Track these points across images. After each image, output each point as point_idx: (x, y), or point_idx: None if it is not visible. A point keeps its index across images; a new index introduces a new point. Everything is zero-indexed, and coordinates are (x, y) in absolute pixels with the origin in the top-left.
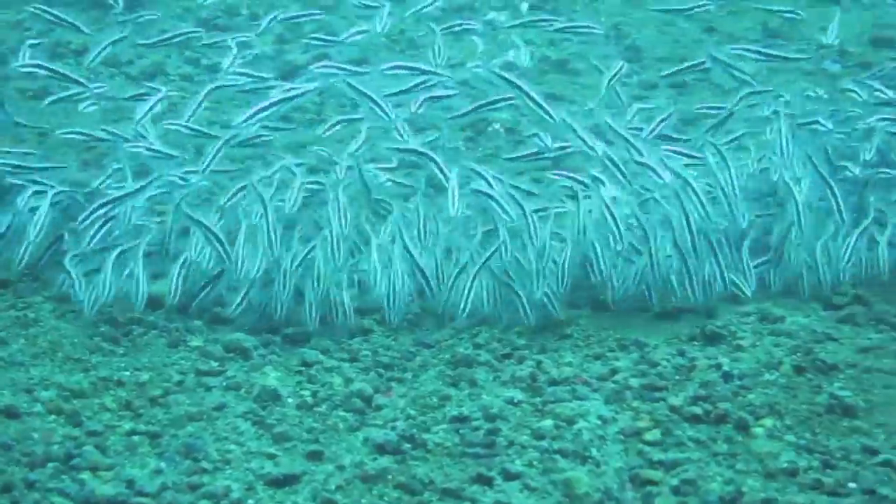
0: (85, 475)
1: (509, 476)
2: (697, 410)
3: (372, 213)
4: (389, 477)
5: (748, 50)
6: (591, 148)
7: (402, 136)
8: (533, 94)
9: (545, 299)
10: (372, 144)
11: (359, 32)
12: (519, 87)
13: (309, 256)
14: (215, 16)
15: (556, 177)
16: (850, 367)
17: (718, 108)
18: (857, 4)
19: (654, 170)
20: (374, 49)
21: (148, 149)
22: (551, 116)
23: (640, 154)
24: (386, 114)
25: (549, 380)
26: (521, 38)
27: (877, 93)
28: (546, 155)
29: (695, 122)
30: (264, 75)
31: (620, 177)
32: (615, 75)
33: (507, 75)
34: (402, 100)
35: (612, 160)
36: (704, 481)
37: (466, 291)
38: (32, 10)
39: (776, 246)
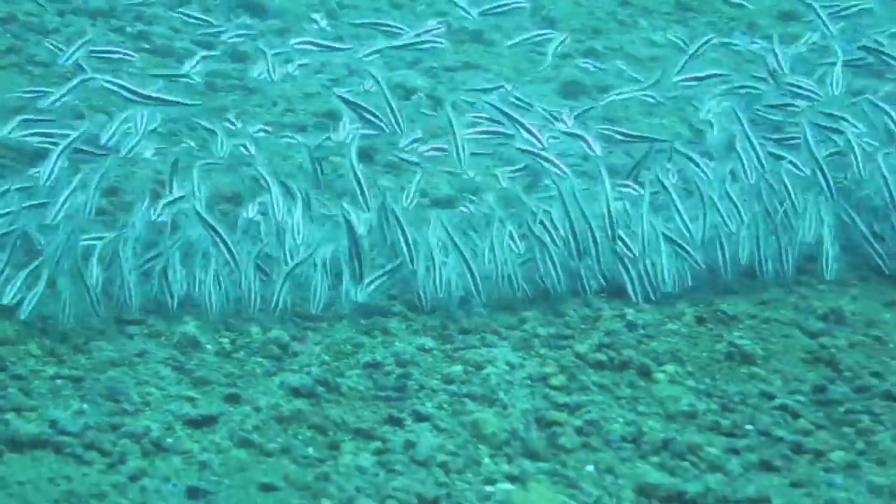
0: (9, 415)
1: (420, 417)
2: (602, 357)
3: None
4: (304, 418)
5: None
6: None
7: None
8: None
9: None
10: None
11: None
12: None
13: None
14: None
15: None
16: (749, 318)
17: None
18: None
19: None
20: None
21: None
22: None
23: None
24: None
25: (459, 328)
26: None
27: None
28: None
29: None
30: None
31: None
32: (558, 46)
33: None
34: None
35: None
36: (607, 422)
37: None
38: None
39: None
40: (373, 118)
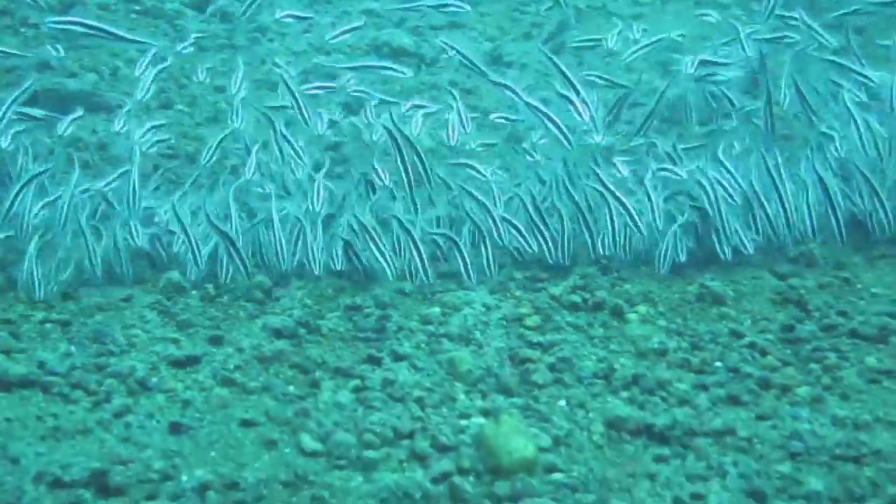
0: None
1: (398, 357)
2: (576, 299)
3: None
4: (285, 358)
5: None
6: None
7: None
8: None
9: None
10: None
11: None
12: None
13: None
14: None
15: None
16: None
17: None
18: None
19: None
20: None
21: None
22: None
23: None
24: None
25: (438, 272)
26: None
27: None
28: None
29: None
30: None
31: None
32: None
33: None
34: None
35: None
36: (579, 359)
37: None
38: None
39: None
40: None
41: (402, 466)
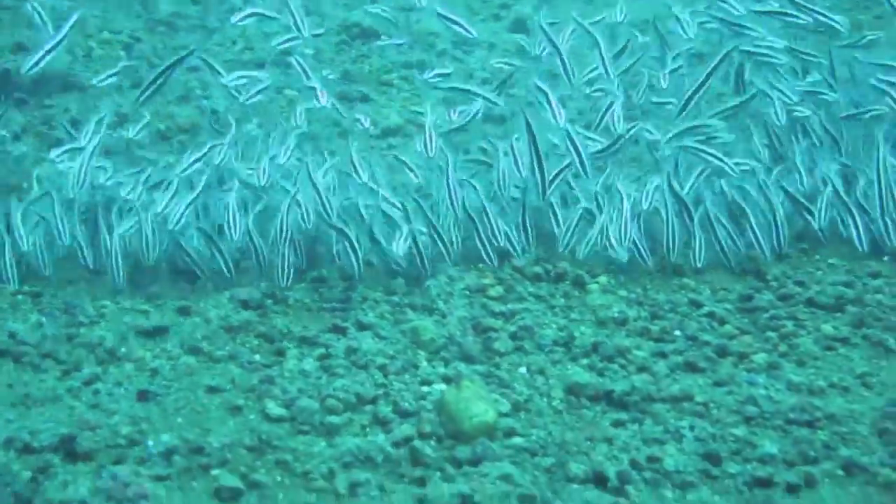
0: None
1: (362, 326)
2: (539, 270)
3: None
4: (251, 328)
5: None
6: None
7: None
8: None
9: None
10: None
11: None
12: None
13: None
14: None
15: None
16: None
17: None
18: None
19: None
20: None
21: None
22: None
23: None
24: None
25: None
26: None
27: None
28: None
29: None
30: None
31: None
32: None
33: None
34: None
35: None
36: (540, 328)
37: None
38: None
39: None
40: None
41: (364, 431)
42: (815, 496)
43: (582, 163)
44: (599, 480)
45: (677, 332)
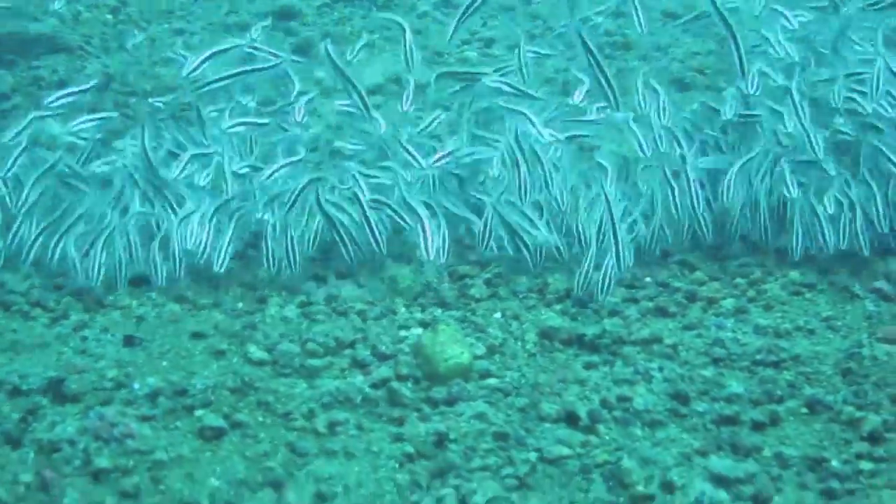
0: None
1: (341, 275)
2: None
3: None
4: (235, 277)
5: None
6: None
7: None
8: None
9: None
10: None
11: None
12: None
13: None
14: None
15: None
16: None
17: None
18: None
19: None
20: None
21: None
22: None
23: None
24: None
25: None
26: None
27: None
28: None
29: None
30: None
31: None
32: None
33: None
34: None
35: None
36: (515, 275)
37: None
38: None
39: None
40: None
41: (343, 374)
42: (779, 433)
43: None
44: (571, 419)
45: (648, 279)
